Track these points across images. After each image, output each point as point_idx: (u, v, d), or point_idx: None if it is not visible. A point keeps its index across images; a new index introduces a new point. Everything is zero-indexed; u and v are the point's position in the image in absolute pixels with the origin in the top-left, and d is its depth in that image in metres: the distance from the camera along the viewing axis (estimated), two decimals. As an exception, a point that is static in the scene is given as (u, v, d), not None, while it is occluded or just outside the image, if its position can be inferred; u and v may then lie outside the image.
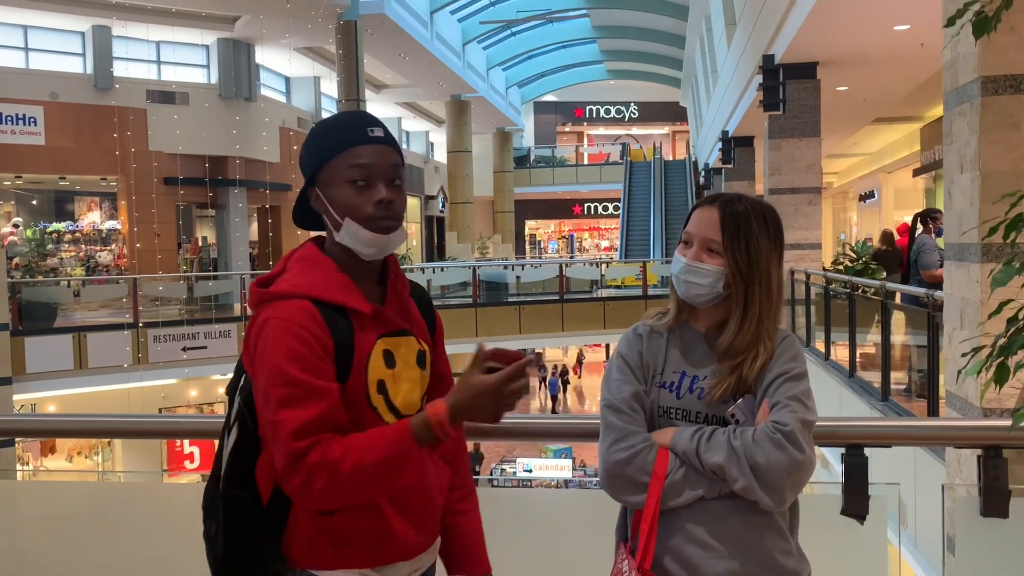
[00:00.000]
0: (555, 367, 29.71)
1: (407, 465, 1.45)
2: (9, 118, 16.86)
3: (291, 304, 1.49)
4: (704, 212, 1.65)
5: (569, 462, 18.55)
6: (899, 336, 7.06)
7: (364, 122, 1.58)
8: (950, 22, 2.09)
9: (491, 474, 17.85)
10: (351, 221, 1.53)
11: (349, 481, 1.42)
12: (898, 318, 7.05)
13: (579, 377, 30.90)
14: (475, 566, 1.73)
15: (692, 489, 1.56)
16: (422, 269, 22.77)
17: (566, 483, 16.03)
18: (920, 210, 7.81)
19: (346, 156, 1.54)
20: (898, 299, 7.10)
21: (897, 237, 10.30)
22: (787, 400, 1.55)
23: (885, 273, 8.92)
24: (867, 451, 1.96)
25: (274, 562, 1.53)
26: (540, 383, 30.32)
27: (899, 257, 9.56)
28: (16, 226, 18.20)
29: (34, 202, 19.98)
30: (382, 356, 1.55)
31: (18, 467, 13.15)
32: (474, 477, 1.82)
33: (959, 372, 2.25)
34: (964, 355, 2.02)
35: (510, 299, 18.88)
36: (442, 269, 22.34)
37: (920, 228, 7.57)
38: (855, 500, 1.90)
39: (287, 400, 1.43)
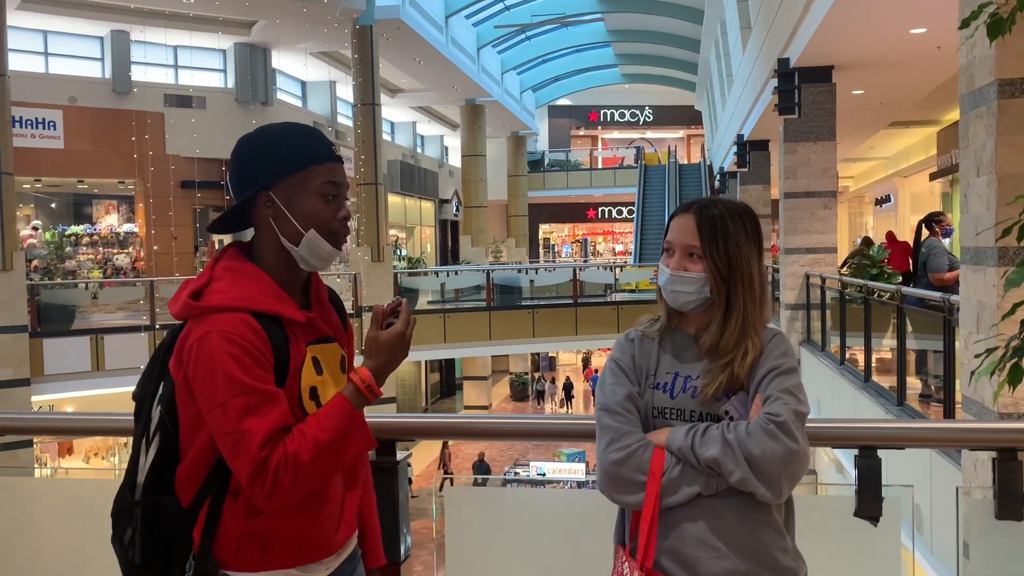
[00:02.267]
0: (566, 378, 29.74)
1: (356, 434, 1.52)
2: (29, 122, 17.04)
3: (231, 317, 1.50)
4: (681, 220, 1.69)
5: (582, 466, 18.51)
6: (915, 341, 7.02)
7: (329, 139, 1.65)
8: (964, 23, 2.09)
9: (504, 476, 17.83)
10: (315, 233, 1.58)
11: (311, 467, 1.47)
12: (913, 322, 7.01)
13: (588, 380, 30.90)
14: (376, 559, 1.83)
15: (689, 486, 1.57)
16: (436, 273, 22.82)
17: (579, 486, 16.01)
18: (923, 217, 7.74)
19: (322, 169, 1.58)
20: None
21: (884, 242, 10.44)
22: (779, 393, 1.57)
23: (901, 278, 8.87)
24: (881, 454, 1.95)
25: (205, 563, 1.54)
26: (538, 396, 30.16)
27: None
28: (35, 229, 18.39)
29: (53, 205, 20.17)
30: (312, 363, 1.60)
31: (36, 467, 13.26)
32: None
33: (972, 373, 2.24)
34: (978, 356, 2.02)
35: (524, 303, 18.90)
36: (456, 272, 22.39)
37: (926, 232, 7.51)
38: (869, 502, 1.90)
39: (249, 409, 1.46)
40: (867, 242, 10.72)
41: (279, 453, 1.46)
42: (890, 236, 11.22)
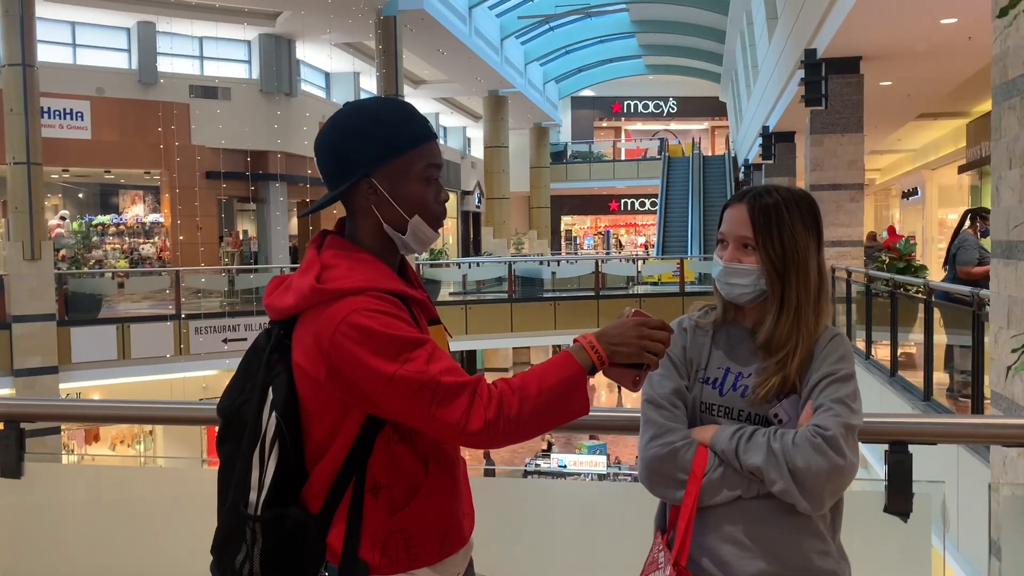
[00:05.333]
0: None
1: (579, 387, 1.43)
2: (57, 112, 17.23)
3: (364, 297, 1.41)
4: (734, 211, 1.62)
5: (604, 459, 18.48)
6: (942, 335, 6.93)
7: (422, 114, 1.54)
8: (1003, 12, 2.05)
9: (525, 467, 17.85)
10: (419, 219, 1.50)
11: (535, 406, 1.39)
12: (941, 317, 6.92)
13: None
14: None
15: (730, 489, 1.54)
16: (458, 264, 22.84)
17: (600, 479, 16.00)
18: (970, 207, 7.62)
19: (424, 151, 1.49)
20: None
21: (885, 237, 10.65)
22: (831, 403, 1.51)
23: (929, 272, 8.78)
24: (911, 450, 1.92)
25: (352, 567, 1.44)
26: None
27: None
28: (63, 219, 18.61)
29: (80, 195, 20.41)
30: None
31: (63, 454, 13.46)
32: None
33: (1008, 369, 2.19)
34: (1015, 350, 1.98)
35: (545, 295, 18.86)
36: (478, 264, 22.38)
37: (968, 224, 7.39)
38: (899, 498, 1.87)
39: (432, 356, 1.39)
40: (872, 237, 10.74)
41: (500, 385, 1.38)
42: (891, 231, 11.26)
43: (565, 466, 17.97)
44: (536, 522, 2.27)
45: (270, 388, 1.44)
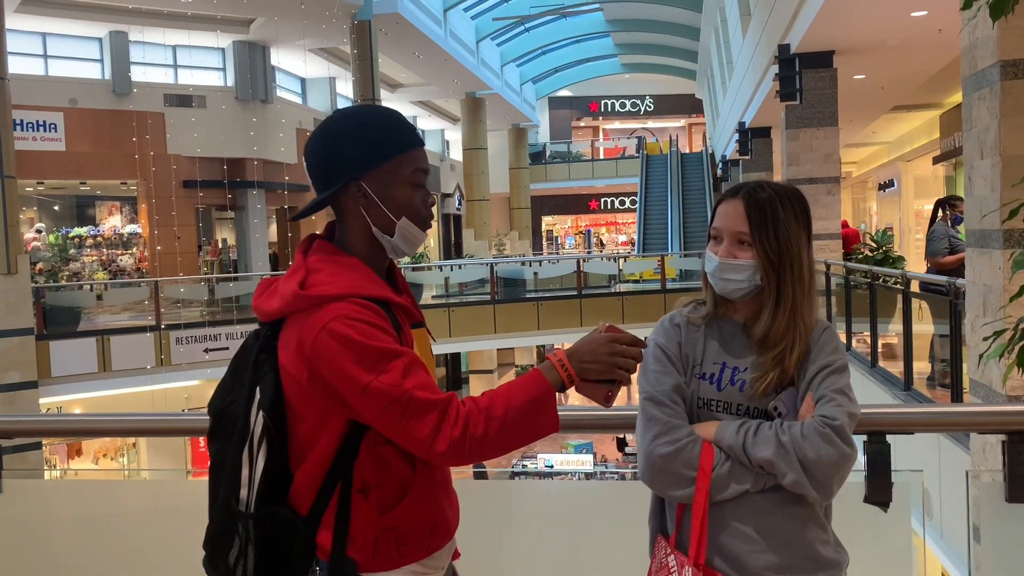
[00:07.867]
0: None
1: (547, 405, 1.46)
2: (30, 124, 17.04)
3: (345, 304, 1.44)
4: (729, 206, 1.63)
5: (590, 457, 18.51)
6: (921, 325, 7.01)
7: (410, 122, 1.60)
8: (966, 4, 2.08)
9: (512, 468, 17.85)
10: (408, 220, 1.54)
11: (502, 426, 1.42)
12: (920, 307, 6.99)
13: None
14: None
15: (738, 483, 1.55)
16: (440, 267, 22.81)
17: (587, 477, 16.03)
18: (941, 198, 7.73)
19: (412, 156, 1.54)
20: (915, 287, 7.04)
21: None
22: (832, 394, 1.54)
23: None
24: (890, 439, 1.94)
25: (341, 565, 1.48)
26: None
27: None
28: (39, 231, 18.43)
29: (56, 207, 20.20)
30: (415, 348, 1.56)
31: (45, 469, 13.31)
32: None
33: (981, 356, 2.23)
34: (986, 339, 2.00)
35: (528, 295, 18.89)
36: (460, 267, 22.36)
37: (940, 215, 7.48)
38: (878, 487, 1.89)
39: (407, 369, 1.41)
40: None
41: (468, 404, 1.42)
42: (844, 224, 11.56)
43: (552, 466, 17.98)
44: (525, 523, 2.27)
45: (257, 388, 1.48)
